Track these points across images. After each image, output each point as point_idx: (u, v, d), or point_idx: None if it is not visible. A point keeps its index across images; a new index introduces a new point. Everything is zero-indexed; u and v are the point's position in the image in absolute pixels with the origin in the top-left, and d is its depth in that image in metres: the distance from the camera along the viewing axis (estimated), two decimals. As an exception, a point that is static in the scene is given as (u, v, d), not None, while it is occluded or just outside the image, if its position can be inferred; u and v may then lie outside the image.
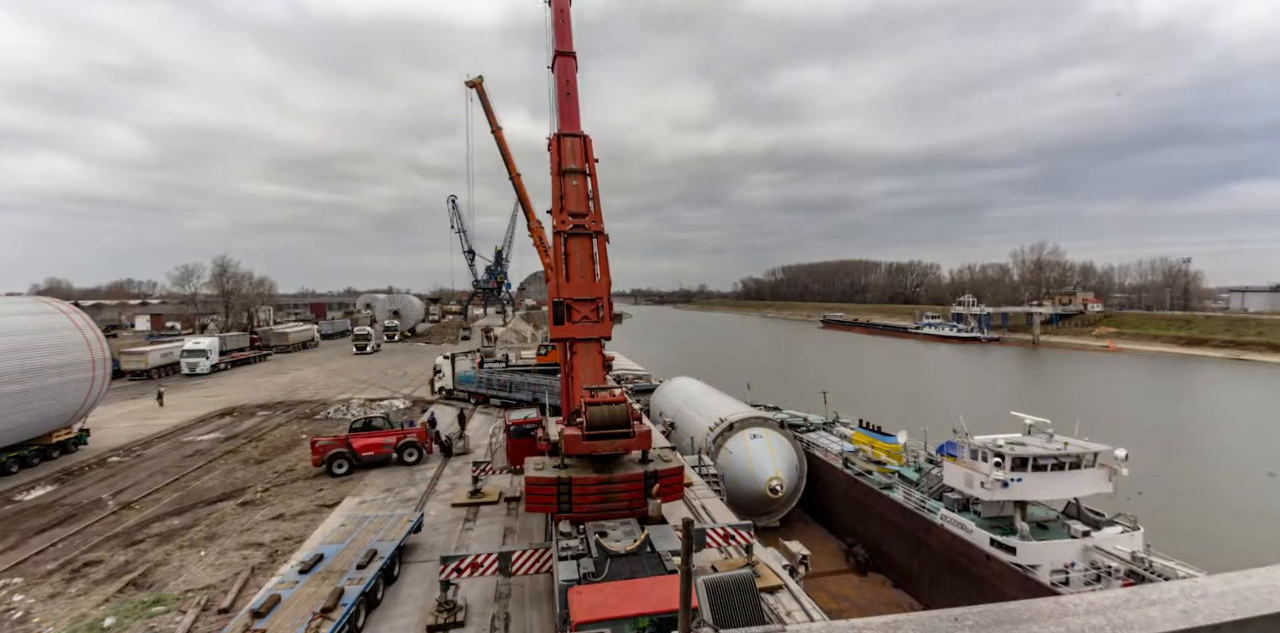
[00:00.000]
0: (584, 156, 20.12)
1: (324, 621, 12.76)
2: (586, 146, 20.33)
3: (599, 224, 19.23)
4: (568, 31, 22.57)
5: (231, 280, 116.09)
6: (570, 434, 14.66)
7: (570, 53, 22.15)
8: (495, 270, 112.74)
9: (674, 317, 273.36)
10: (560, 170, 19.68)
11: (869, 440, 35.24)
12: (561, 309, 18.40)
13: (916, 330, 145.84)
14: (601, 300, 18.69)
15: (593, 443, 14.72)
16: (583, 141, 20.38)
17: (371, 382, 59.37)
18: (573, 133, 20.42)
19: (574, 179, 19.78)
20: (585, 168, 19.97)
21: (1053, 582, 20.67)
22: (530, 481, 14.68)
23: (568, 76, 21.57)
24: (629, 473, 15.14)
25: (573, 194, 19.47)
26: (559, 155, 19.85)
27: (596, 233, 19.18)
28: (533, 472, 14.92)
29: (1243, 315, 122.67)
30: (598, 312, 18.57)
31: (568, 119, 20.72)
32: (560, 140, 20.17)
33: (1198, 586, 2.77)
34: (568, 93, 21.24)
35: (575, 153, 20.04)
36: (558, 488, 14.54)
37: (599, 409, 14.99)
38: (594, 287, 18.73)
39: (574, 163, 19.90)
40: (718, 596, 10.57)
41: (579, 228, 19.15)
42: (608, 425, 14.87)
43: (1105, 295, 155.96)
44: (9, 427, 29.51)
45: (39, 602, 17.80)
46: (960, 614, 2.59)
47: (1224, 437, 49.45)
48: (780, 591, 16.19)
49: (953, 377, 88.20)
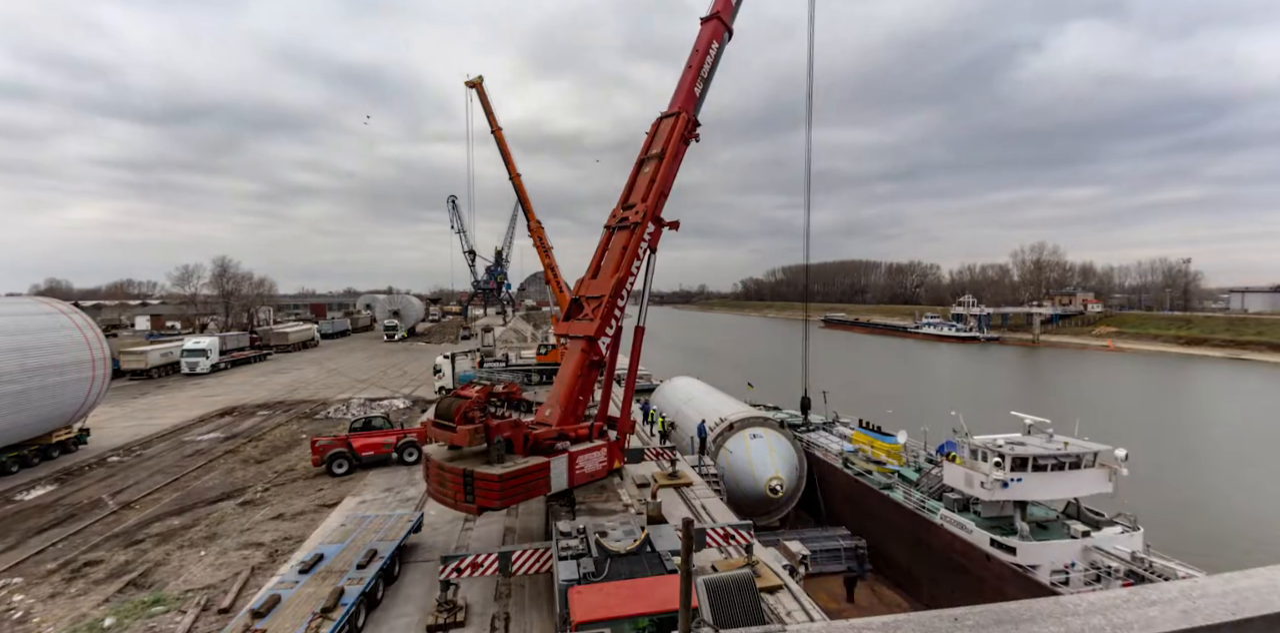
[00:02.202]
0: (668, 139, 18.62)
1: (324, 621, 12.75)
2: (676, 124, 18.78)
3: (645, 210, 17.67)
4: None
5: (231, 280, 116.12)
6: (426, 420, 16.11)
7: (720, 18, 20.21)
8: (495, 270, 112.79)
9: (674, 317, 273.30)
10: (643, 157, 18.72)
11: (869, 440, 35.25)
12: (575, 306, 18.26)
13: (916, 330, 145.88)
14: (603, 297, 17.70)
15: (435, 430, 16.13)
16: (680, 119, 18.91)
17: (371, 382, 59.38)
18: (673, 112, 19.07)
19: (648, 166, 18.59)
20: (665, 150, 18.51)
21: (1053, 582, 20.66)
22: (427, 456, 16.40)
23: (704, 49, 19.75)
24: (454, 466, 15.74)
25: (640, 183, 18.42)
26: (650, 141, 18.76)
27: (637, 224, 17.84)
28: (433, 448, 16.48)
29: (1243, 315, 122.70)
30: (596, 308, 17.73)
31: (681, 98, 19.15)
32: (660, 122, 19.05)
33: (1198, 586, 2.78)
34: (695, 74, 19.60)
35: (663, 134, 18.76)
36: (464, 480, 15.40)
37: (444, 401, 16.43)
38: (605, 284, 17.79)
39: (657, 147, 18.66)
40: (718, 596, 10.56)
41: (623, 221, 18.19)
42: (441, 416, 16.15)
43: (1105, 295, 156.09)
44: (9, 427, 29.50)
45: (39, 602, 17.80)
46: (960, 614, 2.59)
47: (1223, 437, 49.42)
48: (780, 591, 16.18)
49: (953, 377, 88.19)
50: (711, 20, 20.34)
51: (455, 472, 15.43)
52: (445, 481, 15.68)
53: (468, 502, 15.42)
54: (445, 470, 15.65)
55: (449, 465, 15.62)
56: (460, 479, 15.33)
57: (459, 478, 15.37)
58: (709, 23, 20.38)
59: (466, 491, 15.36)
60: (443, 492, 15.91)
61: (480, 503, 15.30)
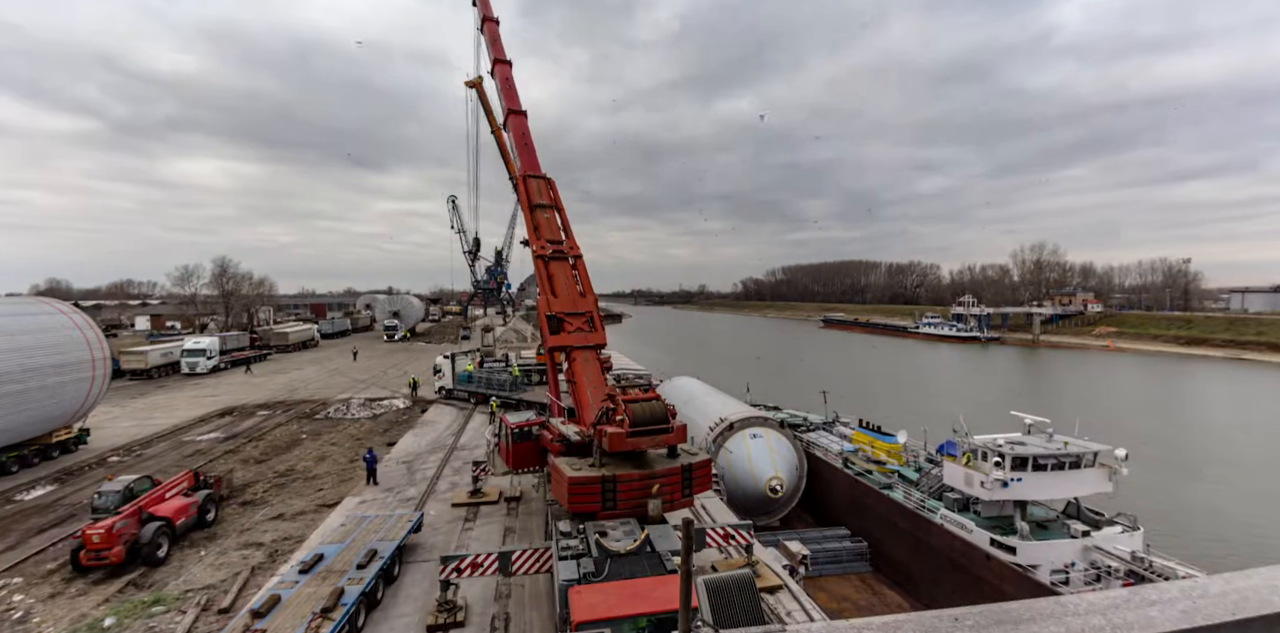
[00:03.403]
0: (549, 194, 23.02)
1: (324, 621, 12.76)
2: (552, 187, 23.32)
3: (576, 250, 21.95)
4: (514, 94, 26.60)
5: (231, 280, 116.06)
6: (614, 432, 14.85)
7: (521, 111, 25.88)
8: (495, 270, 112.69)
9: (674, 317, 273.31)
10: (531, 205, 22.46)
11: (869, 440, 35.23)
12: (554, 322, 19.81)
13: (916, 330, 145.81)
14: (591, 313, 20.43)
15: (636, 439, 15.00)
16: (547, 183, 23.37)
17: (371, 382, 59.37)
18: (536, 175, 23.43)
19: (545, 212, 22.52)
20: (554, 203, 22.86)
21: (1053, 582, 20.65)
22: (574, 481, 14.62)
23: (522, 130, 25.26)
24: (668, 467, 15.50)
25: (545, 225, 22.07)
26: (527, 193, 22.78)
27: (575, 257, 21.70)
28: (572, 472, 14.91)
29: (1243, 315, 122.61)
30: (589, 323, 20.19)
31: (529, 164, 23.99)
32: (526, 180, 23.14)
33: (1198, 586, 2.78)
34: (525, 144, 24.73)
35: (542, 191, 23.03)
36: (602, 486, 14.62)
37: (641, 407, 15.36)
38: (582, 302, 20.66)
39: (542, 199, 22.72)
40: (718, 596, 10.56)
41: (558, 252, 21.46)
42: (649, 422, 15.19)
43: (1105, 295, 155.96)
44: (9, 427, 29.50)
45: (39, 602, 17.80)
46: (960, 614, 2.59)
47: (1223, 437, 49.41)
48: (780, 591, 16.19)
49: (953, 377, 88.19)
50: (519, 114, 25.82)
51: (672, 471, 15.40)
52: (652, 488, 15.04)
53: (685, 497, 15.67)
54: (657, 476, 15.14)
55: (660, 470, 15.31)
56: (678, 476, 15.45)
57: (676, 475, 15.43)
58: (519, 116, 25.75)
59: (685, 486, 15.56)
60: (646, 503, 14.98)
61: (698, 491, 15.94)
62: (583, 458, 16.16)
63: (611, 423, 15.35)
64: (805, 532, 30.19)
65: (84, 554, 18.98)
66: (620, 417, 15.15)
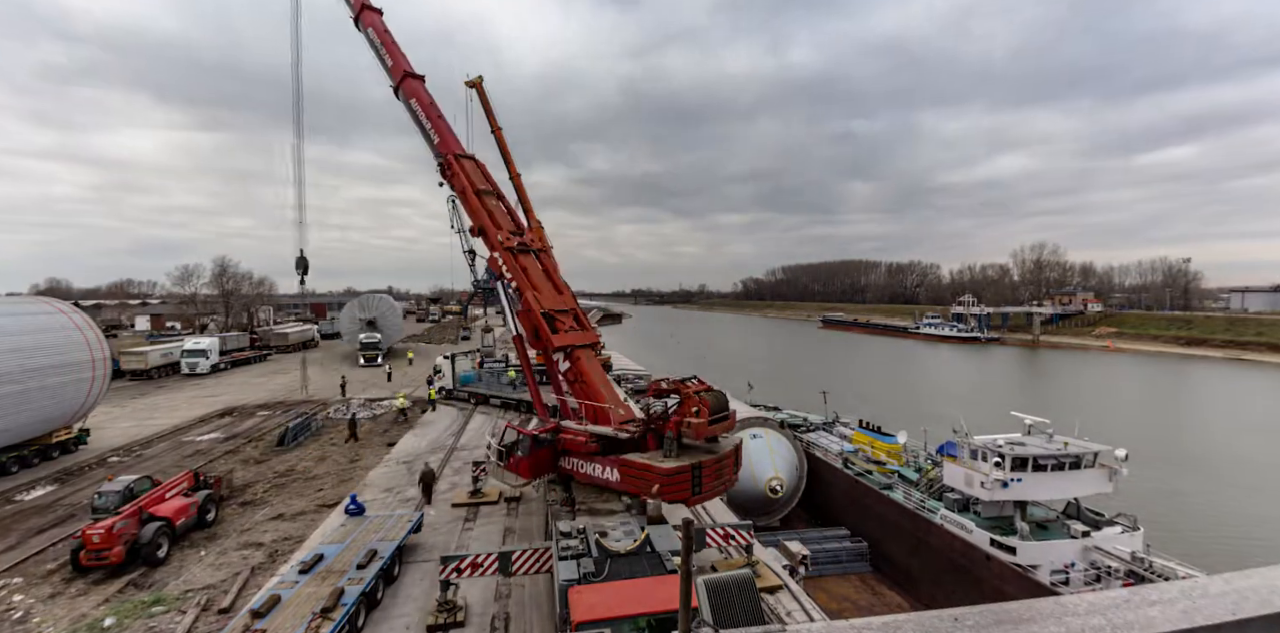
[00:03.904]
0: (487, 179, 20.25)
1: (324, 621, 12.76)
2: (482, 169, 20.49)
3: (541, 242, 19.96)
4: (398, 53, 22.74)
5: (231, 280, 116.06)
6: (698, 422, 15.39)
7: (418, 75, 22.31)
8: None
9: (674, 317, 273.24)
10: (475, 189, 19.77)
11: (869, 440, 35.23)
12: (550, 320, 18.89)
13: (916, 330, 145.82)
14: (575, 310, 19.77)
15: (713, 427, 15.68)
16: (476, 163, 20.50)
17: (371, 382, 59.34)
18: (463, 154, 20.39)
19: (490, 199, 19.96)
20: (494, 189, 20.25)
21: (1053, 582, 20.66)
22: (669, 472, 15.00)
23: (427, 99, 21.69)
24: (728, 450, 16.20)
25: (498, 213, 19.75)
26: (465, 176, 19.76)
27: (540, 250, 19.80)
28: (667, 464, 15.34)
29: (1243, 315, 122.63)
30: (576, 320, 19.61)
31: (448, 142, 20.51)
32: (458, 161, 19.95)
33: (1198, 586, 2.78)
34: (437, 115, 21.23)
35: (478, 173, 20.26)
36: (692, 473, 15.08)
37: (712, 396, 15.93)
38: (562, 299, 19.68)
39: (484, 184, 20.17)
40: (718, 596, 10.54)
41: (523, 245, 19.61)
42: (720, 409, 15.94)
43: (1105, 295, 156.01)
44: (9, 427, 29.50)
45: (39, 602, 17.80)
46: (960, 614, 2.59)
47: (1224, 437, 49.40)
48: (780, 591, 16.19)
49: (953, 377, 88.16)
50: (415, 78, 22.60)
51: (730, 454, 16.11)
52: (723, 470, 15.88)
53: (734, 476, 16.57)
54: (723, 459, 15.78)
55: (724, 453, 15.92)
56: (733, 459, 16.21)
57: (732, 458, 16.16)
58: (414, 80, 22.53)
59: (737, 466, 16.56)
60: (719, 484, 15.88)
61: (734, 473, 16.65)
62: (643, 452, 16.18)
63: (687, 414, 15.74)
64: (805, 532, 30.20)
65: (84, 554, 18.98)
66: (695, 408, 15.58)
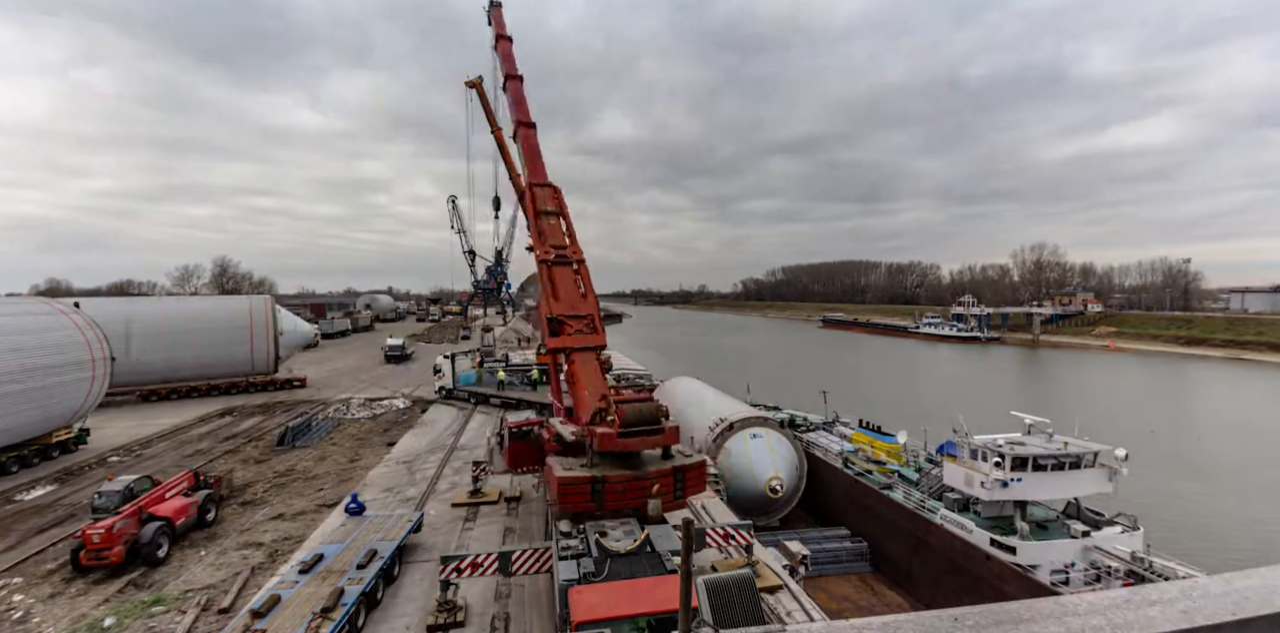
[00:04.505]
0: (555, 201, 23.12)
1: (324, 621, 12.76)
2: (558, 195, 23.46)
3: (579, 254, 22.08)
4: (525, 108, 26.87)
5: (231, 280, 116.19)
6: (604, 433, 14.97)
7: (531, 123, 26.17)
8: (495, 270, 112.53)
9: (674, 317, 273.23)
10: (537, 211, 22.53)
11: (869, 440, 35.24)
12: (554, 324, 19.80)
13: (916, 330, 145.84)
14: (592, 315, 20.56)
15: (626, 440, 15.10)
16: (553, 190, 23.49)
17: (372, 382, 59.35)
18: (543, 183, 23.55)
19: (550, 219, 22.59)
20: (560, 209, 22.91)
21: (1053, 582, 20.67)
22: (564, 481, 14.66)
23: (532, 142, 25.50)
24: (660, 469, 15.56)
25: (550, 231, 22.13)
26: (534, 200, 22.97)
27: (578, 261, 21.78)
28: (563, 472, 14.98)
29: (1243, 315, 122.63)
30: (590, 325, 20.32)
31: (536, 173, 24.27)
32: (532, 188, 23.35)
33: (1198, 586, 2.78)
34: (534, 154, 25.02)
35: (547, 199, 23.18)
36: (592, 487, 14.70)
37: (632, 408, 15.49)
38: (583, 305, 20.82)
39: (548, 206, 22.81)
40: (718, 596, 10.56)
41: (561, 257, 21.50)
42: (640, 423, 15.29)
43: (1105, 295, 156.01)
44: (9, 427, 29.50)
45: (39, 602, 17.80)
46: (960, 614, 2.59)
47: (1224, 437, 49.40)
48: (780, 591, 16.19)
49: (953, 377, 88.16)
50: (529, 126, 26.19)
51: (663, 473, 15.42)
52: (644, 489, 15.02)
53: (677, 498, 15.83)
54: (648, 477, 15.17)
55: (651, 471, 15.34)
56: (670, 478, 15.52)
57: (668, 477, 15.49)
58: (528, 128, 26.04)
59: (677, 487, 15.72)
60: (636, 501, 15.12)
61: (689, 494, 16.13)
62: (577, 458, 16.23)
63: (604, 423, 15.47)
64: (805, 532, 30.20)
65: (84, 554, 18.96)
66: (612, 417, 15.27)
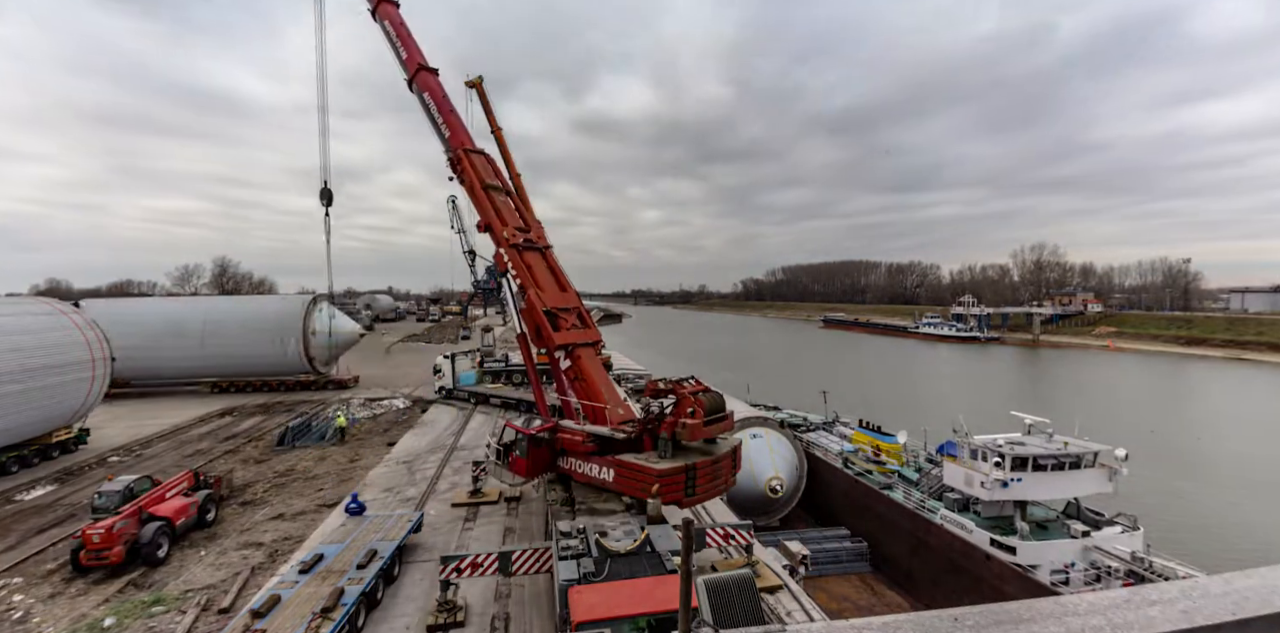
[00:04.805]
0: (497, 172, 20.18)
1: (324, 621, 12.75)
2: (492, 163, 20.32)
3: (544, 240, 19.73)
4: (413, 46, 22.33)
5: (231, 280, 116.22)
6: (693, 423, 15.34)
7: (431, 68, 21.88)
8: (496, 270, 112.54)
9: (674, 317, 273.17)
10: (483, 184, 19.61)
11: (869, 440, 35.24)
12: (550, 318, 18.63)
13: (916, 330, 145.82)
14: (578, 308, 19.50)
15: (709, 428, 15.65)
16: (487, 159, 20.41)
17: (372, 381, 59.32)
18: (475, 149, 20.29)
19: (499, 194, 19.80)
20: (505, 185, 20.14)
21: (1053, 582, 20.67)
22: (664, 473, 14.92)
23: (440, 93, 21.39)
24: (725, 452, 16.16)
25: (505, 209, 19.65)
26: (474, 170, 19.60)
27: (545, 248, 19.72)
28: (659, 466, 15.20)
29: (1243, 315, 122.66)
30: (580, 319, 19.30)
31: (458, 132, 20.26)
32: (468, 155, 19.87)
33: (1198, 586, 2.77)
34: (449, 109, 21.06)
35: (487, 168, 20.08)
36: (686, 475, 15.02)
37: (709, 397, 15.98)
38: (565, 297, 19.40)
39: (492, 179, 20.05)
40: (718, 596, 10.55)
41: (529, 241, 19.52)
42: (715, 411, 15.94)
43: (1105, 295, 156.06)
44: (9, 427, 29.51)
45: (39, 602, 17.80)
46: (960, 614, 2.59)
47: (1223, 437, 49.40)
48: (780, 591, 16.19)
49: (953, 377, 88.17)
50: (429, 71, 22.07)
51: (727, 456, 16.06)
52: (720, 472, 15.86)
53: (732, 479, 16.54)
54: (720, 460, 15.73)
55: (721, 454, 15.88)
56: (731, 459, 16.18)
57: (730, 459, 16.11)
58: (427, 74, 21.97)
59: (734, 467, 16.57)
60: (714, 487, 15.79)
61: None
62: (638, 453, 16.13)
63: (682, 415, 15.69)
64: (805, 532, 30.20)
65: (84, 554, 18.97)
66: (690, 409, 15.55)
